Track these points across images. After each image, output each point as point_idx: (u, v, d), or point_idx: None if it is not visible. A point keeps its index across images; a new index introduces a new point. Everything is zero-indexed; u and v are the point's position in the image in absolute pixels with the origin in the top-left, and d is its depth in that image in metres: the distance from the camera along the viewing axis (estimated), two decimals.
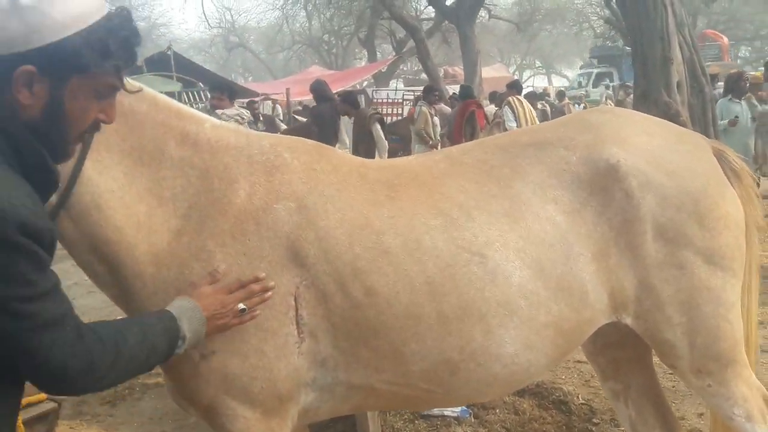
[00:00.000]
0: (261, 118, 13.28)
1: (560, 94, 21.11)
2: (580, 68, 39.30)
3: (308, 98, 18.82)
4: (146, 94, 2.08)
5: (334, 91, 13.40)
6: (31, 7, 1.48)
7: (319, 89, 9.53)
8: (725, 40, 31.19)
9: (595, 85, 28.93)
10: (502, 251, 2.17)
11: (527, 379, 2.34)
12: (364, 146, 8.90)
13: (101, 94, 1.61)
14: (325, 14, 37.07)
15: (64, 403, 3.94)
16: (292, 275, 2.06)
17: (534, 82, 53.82)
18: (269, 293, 1.99)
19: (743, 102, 8.84)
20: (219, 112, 7.30)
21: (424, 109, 12.14)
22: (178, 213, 2.04)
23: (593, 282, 2.24)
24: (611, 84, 29.77)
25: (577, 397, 4.50)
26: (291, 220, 2.08)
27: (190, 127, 2.13)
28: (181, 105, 2.24)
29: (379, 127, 8.69)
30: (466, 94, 12.09)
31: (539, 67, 62.09)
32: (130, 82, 1.84)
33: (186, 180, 2.07)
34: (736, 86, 9.00)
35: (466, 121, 10.81)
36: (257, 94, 21.63)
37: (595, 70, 33.27)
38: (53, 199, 1.87)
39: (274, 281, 2.01)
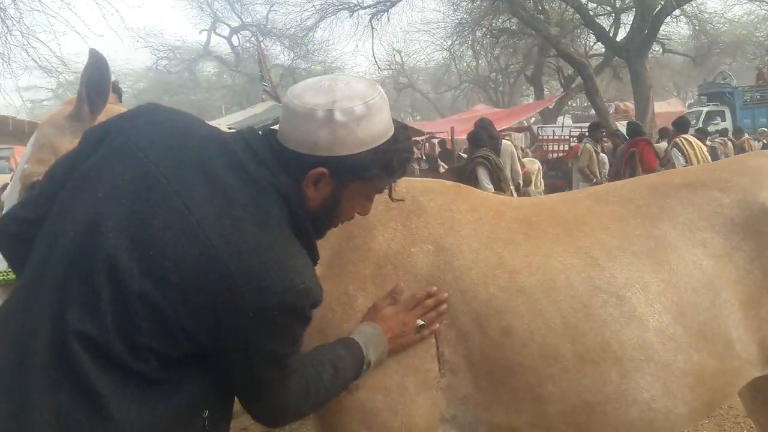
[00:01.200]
0: (423, 157, 13.48)
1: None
2: (688, 107, 36.60)
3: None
4: None
5: (500, 129, 13.24)
6: (342, 124, 1.66)
7: (482, 126, 9.54)
8: None
9: (705, 124, 26.45)
10: (640, 294, 2.10)
11: (669, 427, 2.23)
12: None
13: (370, 196, 1.85)
14: (491, 53, 37.20)
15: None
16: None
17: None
18: (444, 305, 2.06)
19: None
20: None
21: (588, 146, 11.76)
22: (323, 261, 2.14)
23: (739, 330, 2.11)
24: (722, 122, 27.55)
25: None
26: (428, 263, 2.13)
27: None
28: None
29: (483, 171, 8.42)
30: (634, 131, 11.56)
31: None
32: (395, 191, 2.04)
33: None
34: None
35: (626, 161, 10.38)
36: (423, 133, 22.04)
37: (705, 109, 30.49)
38: None
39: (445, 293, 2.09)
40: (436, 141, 20.40)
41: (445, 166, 13.91)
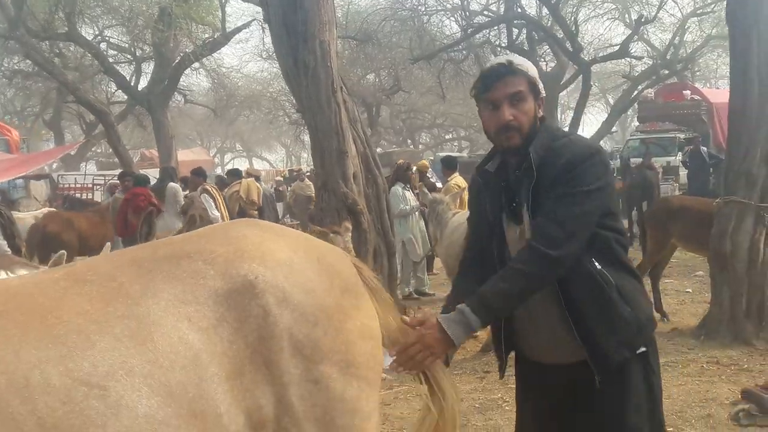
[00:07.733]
0: None
1: None
2: None
3: None
4: None
5: (18, 176, 11.81)
6: None
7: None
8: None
9: None
10: (125, 380, 2.00)
11: None
12: None
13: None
14: (5, 94, 34.45)
15: None
16: None
17: (235, 164, 54.41)
18: None
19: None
20: None
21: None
22: None
23: (227, 402, 2.15)
24: None
25: None
26: None
27: None
28: None
29: None
30: (138, 182, 11.42)
31: (240, 150, 63.02)
32: None
33: None
34: (404, 175, 10.75)
35: (143, 220, 10.37)
36: None
37: None
38: None
39: None
40: None
41: None
